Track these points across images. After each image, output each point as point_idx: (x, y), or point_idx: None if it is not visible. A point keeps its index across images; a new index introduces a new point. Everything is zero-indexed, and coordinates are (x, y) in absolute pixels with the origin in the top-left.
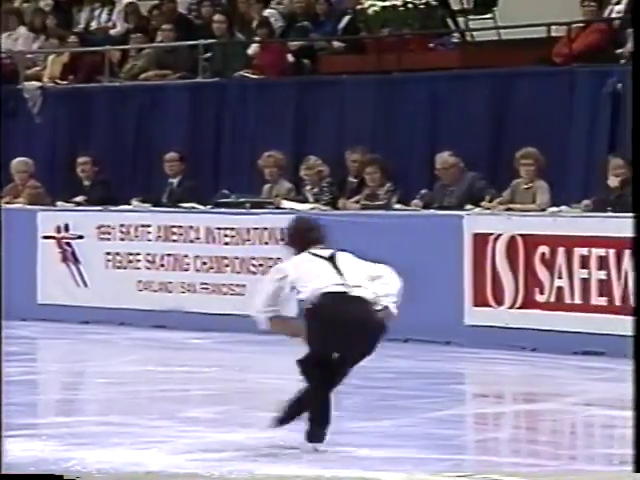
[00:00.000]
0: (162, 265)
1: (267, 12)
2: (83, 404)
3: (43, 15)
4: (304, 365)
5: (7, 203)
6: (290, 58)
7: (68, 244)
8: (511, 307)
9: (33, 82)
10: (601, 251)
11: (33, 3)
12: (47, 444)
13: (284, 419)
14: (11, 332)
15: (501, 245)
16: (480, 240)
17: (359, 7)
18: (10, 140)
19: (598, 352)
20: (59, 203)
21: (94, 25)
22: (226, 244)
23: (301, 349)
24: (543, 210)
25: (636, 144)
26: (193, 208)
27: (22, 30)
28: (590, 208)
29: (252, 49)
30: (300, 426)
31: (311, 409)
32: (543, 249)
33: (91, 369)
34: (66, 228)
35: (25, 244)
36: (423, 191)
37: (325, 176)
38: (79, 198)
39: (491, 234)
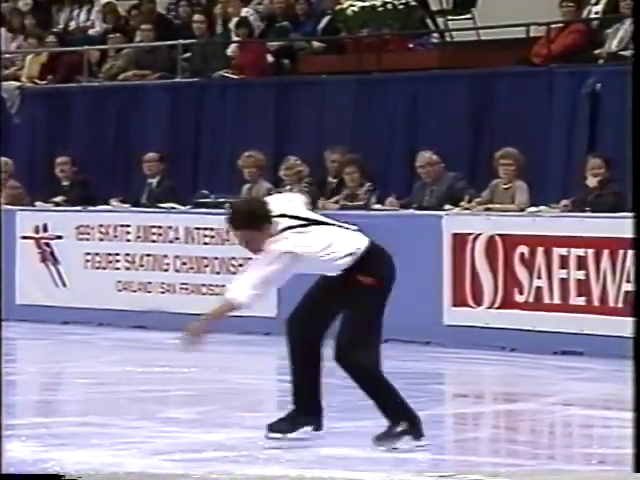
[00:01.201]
0: (141, 265)
1: (246, 12)
2: (62, 405)
3: (21, 15)
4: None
5: None
6: (270, 58)
7: (47, 244)
8: (490, 307)
9: (11, 82)
10: (580, 251)
11: (11, 3)
12: (26, 445)
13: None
14: None
15: (480, 245)
16: (459, 240)
17: (338, 7)
18: None
19: (577, 352)
20: (38, 203)
21: (73, 25)
22: (205, 244)
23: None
24: (522, 210)
25: (636, 144)
26: (172, 208)
27: (1, 30)
28: (569, 208)
29: (231, 49)
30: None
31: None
32: (522, 249)
33: (70, 369)
34: (45, 228)
35: (4, 244)
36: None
37: (304, 176)
38: (58, 198)
39: (470, 234)
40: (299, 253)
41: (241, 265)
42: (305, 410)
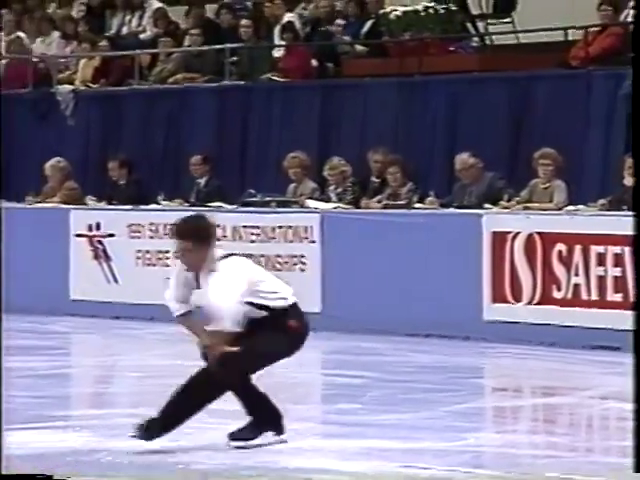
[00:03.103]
0: None
1: (291, 16)
2: (114, 397)
3: (75, 21)
4: (257, 362)
5: (41, 202)
6: (314, 62)
7: (99, 242)
8: (529, 303)
9: (66, 85)
10: (617, 249)
11: (65, 10)
12: (80, 435)
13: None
14: (45, 327)
15: (519, 243)
16: (499, 238)
17: (382, 12)
18: (44, 142)
19: (614, 347)
20: (91, 202)
21: (125, 30)
22: (252, 242)
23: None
24: (560, 209)
25: (636, 144)
26: (220, 207)
27: (55, 35)
28: (606, 207)
29: (277, 53)
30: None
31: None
32: (560, 247)
33: (122, 363)
34: (97, 227)
35: (58, 242)
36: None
37: (348, 176)
38: (111, 198)
39: (509, 232)
40: (246, 274)
41: (286, 262)
42: (264, 420)
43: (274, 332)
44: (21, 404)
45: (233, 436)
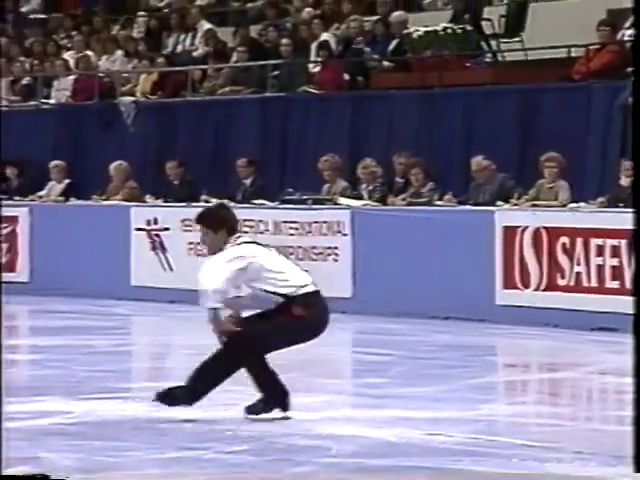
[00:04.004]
0: None
1: (326, 36)
2: (169, 371)
3: (136, 41)
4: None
5: (106, 200)
6: (346, 76)
7: (157, 235)
8: (536, 289)
9: (127, 97)
10: (614, 241)
11: (127, 30)
12: (140, 405)
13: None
14: (109, 310)
15: (527, 236)
16: (509, 232)
17: (405, 32)
18: (108, 147)
19: (612, 328)
20: (149, 200)
21: (179, 48)
22: (291, 235)
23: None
24: (564, 206)
25: (636, 144)
26: (263, 204)
27: (118, 53)
28: (605, 204)
29: (313, 68)
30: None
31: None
32: (564, 240)
33: (176, 342)
34: (155, 221)
35: (121, 235)
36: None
37: (378, 176)
38: (167, 196)
39: (519, 227)
40: (248, 258)
41: (321, 253)
42: (272, 397)
43: (276, 317)
44: (87, 377)
45: (248, 410)
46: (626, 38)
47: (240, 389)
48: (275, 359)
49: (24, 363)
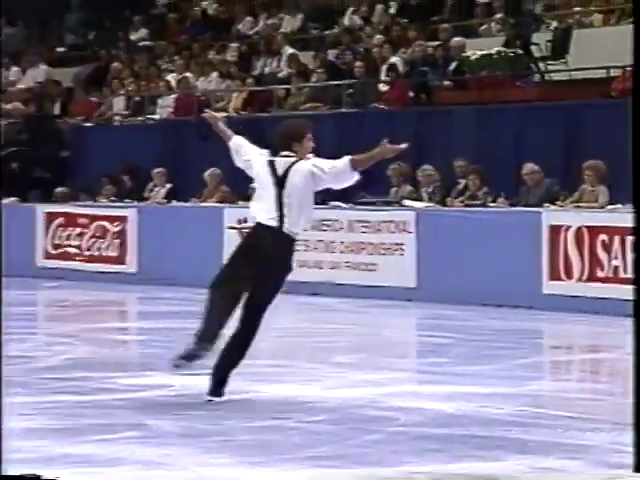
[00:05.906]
0: (315, 248)
1: (395, 59)
2: (258, 351)
3: (229, 64)
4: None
5: (202, 202)
6: (411, 93)
7: (246, 232)
8: (579, 280)
9: (221, 113)
10: None
11: (222, 55)
12: (233, 380)
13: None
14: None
15: (571, 234)
16: (555, 230)
17: (464, 55)
18: (204, 156)
19: None
20: (239, 202)
21: (267, 70)
22: (363, 233)
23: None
24: (603, 207)
25: (636, 144)
26: (339, 206)
27: (214, 75)
28: None
29: (383, 87)
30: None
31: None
32: (603, 237)
33: (264, 325)
34: (245, 221)
35: (215, 233)
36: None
37: (434, 180)
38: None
39: (563, 226)
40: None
41: (389, 249)
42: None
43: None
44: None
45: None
46: None
47: (316, 366)
48: (348, 341)
49: (133, 343)
